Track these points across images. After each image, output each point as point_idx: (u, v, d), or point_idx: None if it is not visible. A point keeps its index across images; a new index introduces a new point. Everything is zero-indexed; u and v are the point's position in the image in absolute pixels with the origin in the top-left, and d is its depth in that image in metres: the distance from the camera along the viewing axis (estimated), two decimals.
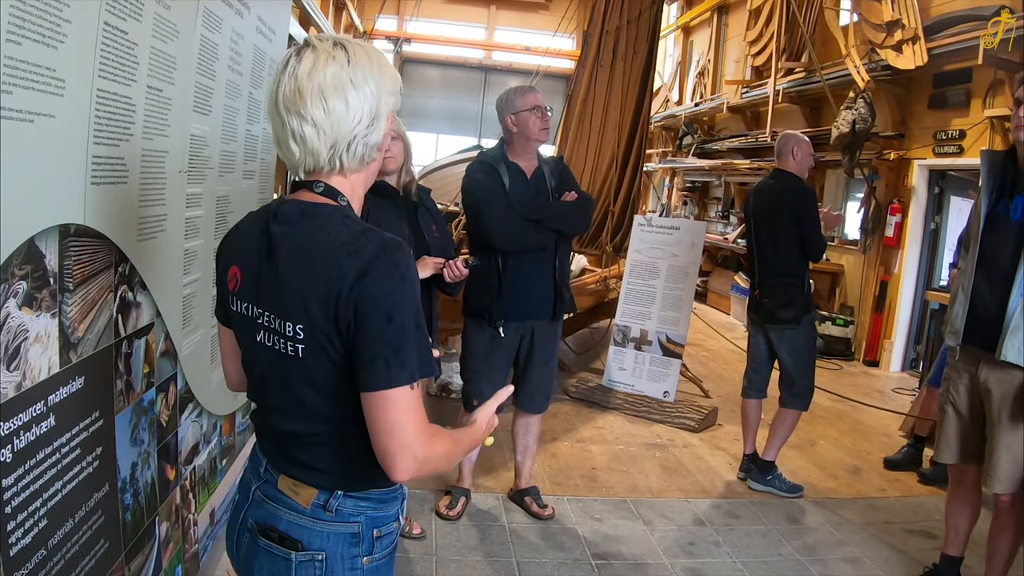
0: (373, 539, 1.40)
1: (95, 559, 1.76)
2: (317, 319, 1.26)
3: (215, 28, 2.43)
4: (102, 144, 1.71)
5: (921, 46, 6.89)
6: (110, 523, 1.86)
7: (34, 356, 1.46)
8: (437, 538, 3.57)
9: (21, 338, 1.41)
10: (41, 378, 1.49)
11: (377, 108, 1.34)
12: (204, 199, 2.57)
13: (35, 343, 1.46)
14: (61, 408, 1.57)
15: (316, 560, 1.35)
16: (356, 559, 1.38)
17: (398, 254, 1.27)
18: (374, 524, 1.41)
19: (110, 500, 1.86)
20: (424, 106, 18.86)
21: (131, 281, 1.97)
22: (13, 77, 1.32)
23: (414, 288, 1.28)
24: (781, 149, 4.31)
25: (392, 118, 1.40)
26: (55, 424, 1.55)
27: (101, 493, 1.80)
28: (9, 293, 1.37)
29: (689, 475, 4.62)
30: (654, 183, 15.37)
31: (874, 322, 8.22)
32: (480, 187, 3.54)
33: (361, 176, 1.41)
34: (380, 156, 1.42)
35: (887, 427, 5.76)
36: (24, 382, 1.43)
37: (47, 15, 1.40)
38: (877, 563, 3.59)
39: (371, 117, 1.33)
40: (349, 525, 1.38)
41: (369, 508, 1.40)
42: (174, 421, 2.39)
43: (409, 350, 1.25)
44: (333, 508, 1.37)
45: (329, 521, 1.37)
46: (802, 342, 4.28)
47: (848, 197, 9.50)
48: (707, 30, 14.00)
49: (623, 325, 6.12)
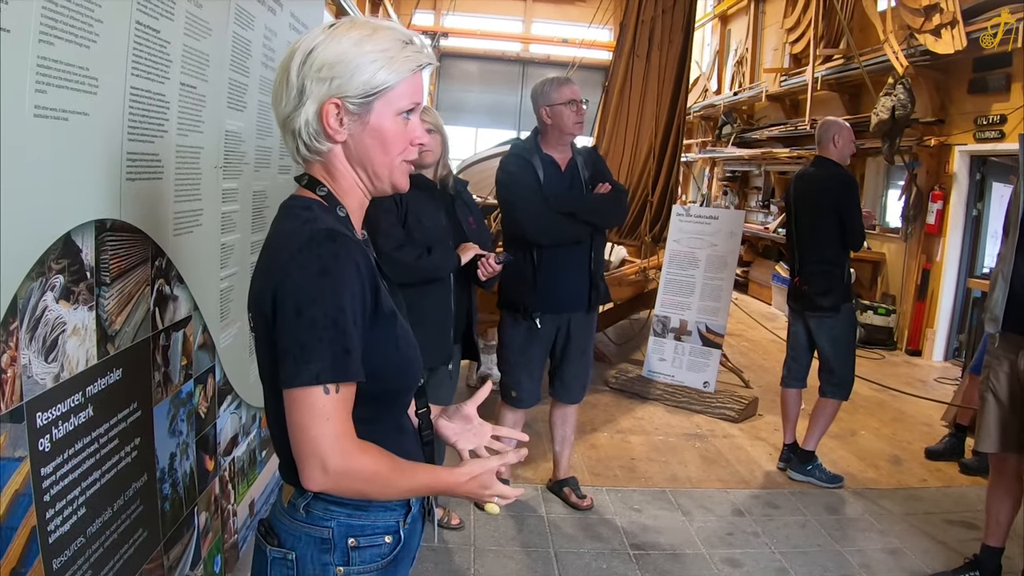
0: (348, 548, 1.28)
1: (134, 547, 1.81)
2: (259, 311, 1.21)
3: (247, 25, 2.46)
4: (136, 140, 1.75)
5: (960, 30, 6.72)
6: (149, 512, 1.90)
7: (72, 348, 1.50)
8: (475, 529, 3.59)
9: (59, 330, 1.45)
10: (79, 369, 1.53)
11: (301, 89, 1.23)
12: (240, 194, 2.61)
13: (73, 335, 1.50)
14: (99, 399, 1.62)
15: (287, 559, 1.28)
16: (328, 567, 1.27)
17: (323, 247, 1.17)
18: (349, 532, 1.28)
19: (149, 490, 1.90)
20: (463, 100, 18.92)
21: (168, 275, 2.01)
22: (47, 76, 1.36)
23: (337, 284, 1.15)
24: (822, 136, 4.25)
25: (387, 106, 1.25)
26: (93, 415, 1.59)
27: (140, 483, 1.84)
28: (46, 287, 1.40)
29: (728, 465, 4.59)
30: (694, 173, 15.22)
31: (916, 311, 8.07)
32: (514, 180, 3.54)
33: (342, 165, 1.29)
34: (337, 142, 1.26)
35: (929, 417, 5.66)
36: (62, 373, 1.47)
37: (79, 15, 1.44)
38: (917, 554, 3.54)
39: (296, 102, 1.23)
40: (318, 529, 1.27)
41: (342, 514, 1.28)
42: (213, 413, 2.44)
43: (316, 348, 1.13)
44: (304, 508, 1.28)
45: (301, 521, 1.28)
46: (841, 331, 4.22)
47: (889, 185, 9.34)
48: (744, 18, 13.80)
49: (663, 315, 6.09)
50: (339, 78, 1.21)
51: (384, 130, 1.25)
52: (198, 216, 2.21)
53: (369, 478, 1.18)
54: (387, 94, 1.24)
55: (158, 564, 1.97)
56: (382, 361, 1.25)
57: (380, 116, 1.25)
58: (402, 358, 1.30)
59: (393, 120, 1.26)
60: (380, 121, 1.25)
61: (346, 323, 1.15)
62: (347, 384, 1.17)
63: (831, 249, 4.15)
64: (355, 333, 1.17)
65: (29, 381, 1.36)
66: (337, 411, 1.15)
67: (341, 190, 1.30)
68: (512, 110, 18.68)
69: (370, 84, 1.22)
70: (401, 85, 1.25)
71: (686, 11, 7.14)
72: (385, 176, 1.30)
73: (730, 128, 12.85)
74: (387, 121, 1.25)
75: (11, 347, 1.30)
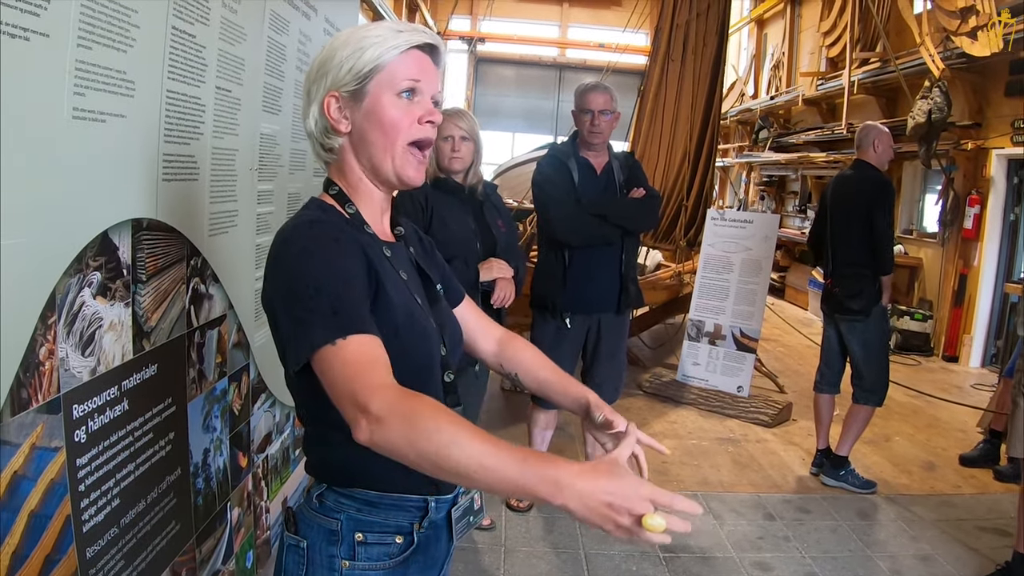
0: (355, 543, 1.27)
1: (166, 540, 1.85)
2: (266, 308, 1.25)
3: (282, 30, 2.51)
4: (172, 142, 1.80)
5: (997, 32, 6.61)
6: (182, 506, 1.95)
7: (108, 343, 1.55)
8: (506, 529, 3.61)
9: (96, 326, 1.50)
10: (115, 364, 1.58)
11: (308, 93, 1.31)
12: (275, 196, 2.66)
13: (109, 331, 1.55)
14: (134, 393, 1.66)
15: (300, 547, 1.29)
16: (334, 559, 1.27)
17: (301, 232, 1.21)
18: (357, 527, 1.27)
19: (182, 484, 1.95)
20: (499, 105, 18.98)
21: (203, 274, 2.06)
22: (85, 80, 1.40)
23: (316, 257, 1.16)
24: (862, 140, 4.23)
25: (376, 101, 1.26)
26: (128, 408, 1.63)
27: (173, 476, 1.89)
28: (84, 283, 1.45)
29: (761, 470, 4.56)
30: (731, 178, 15.11)
31: (953, 316, 7.94)
32: (548, 181, 3.58)
33: (350, 159, 1.31)
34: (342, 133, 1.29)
35: (964, 423, 5.58)
36: (99, 367, 1.51)
37: (116, 21, 1.48)
38: (948, 560, 3.50)
39: (306, 106, 1.31)
40: (329, 520, 1.27)
41: (351, 507, 1.28)
42: (246, 410, 2.48)
43: (307, 319, 1.12)
44: (318, 498, 1.30)
45: (315, 511, 1.29)
46: (872, 335, 4.18)
47: (926, 189, 9.20)
48: (780, 22, 13.69)
49: (697, 320, 6.06)
50: (332, 71, 1.26)
51: (380, 111, 1.26)
52: (233, 217, 2.26)
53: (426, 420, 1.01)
54: (378, 75, 1.25)
55: (190, 557, 2.02)
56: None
57: (375, 98, 1.26)
58: (401, 347, 1.22)
59: (391, 100, 1.26)
60: (375, 103, 1.26)
61: (332, 287, 1.13)
62: (355, 337, 1.11)
63: (864, 252, 4.11)
64: (345, 292, 1.14)
65: (66, 374, 1.40)
66: (354, 355, 1.09)
67: (351, 187, 1.33)
68: (549, 115, 18.71)
69: (357, 68, 1.24)
70: (394, 64, 1.25)
71: (720, 14, 7.11)
72: (388, 164, 1.28)
73: (767, 132, 12.75)
74: (383, 102, 1.26)
75: (49, 340, 1.35)
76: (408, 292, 1.30)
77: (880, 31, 8.56)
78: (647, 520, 0.97)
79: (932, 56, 7.38)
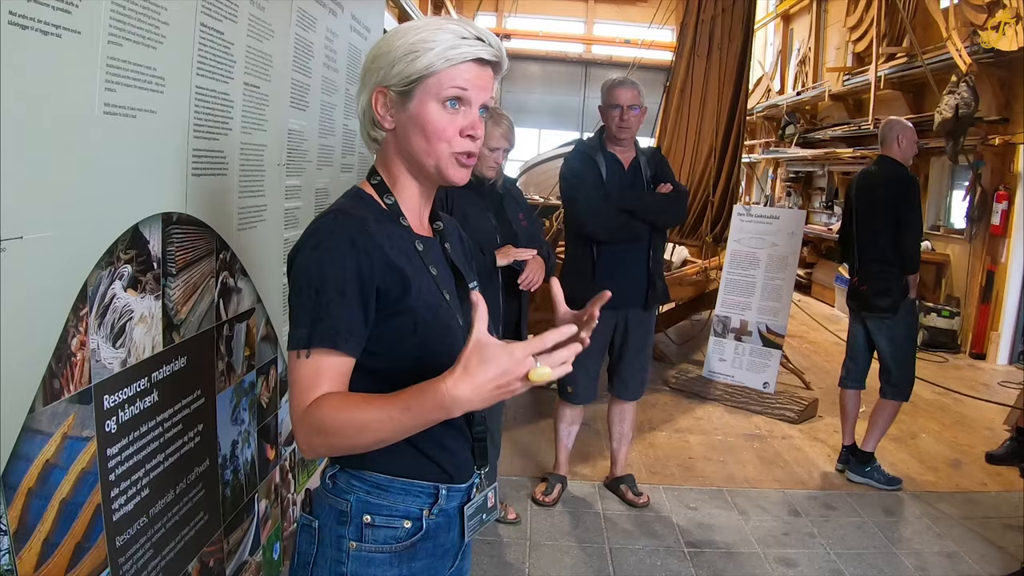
0: (363, 525, 1.28)
1: (194, 530, 1.88)
2: None
3: (309, 27, 2.53)
4: (202, 138, 1.82)
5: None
6: (210, 497, 1.97)
7: (138, 335, 1.57)
8: (532, 523, 3.63)
9: (126, 318, 1.52)
10: (145, 356, 1.60)
11: (362, 81, 1.32)
12: (303, 191, 2.68)
13: (139, 323, 1.57)
14: (164, 385, 1.69)
15: (312, 526, 1.31)
16: (342, 540, 1.28)
17: (323, 223, 1.23)
18: (366, 509, 1.28)
19: (210, 475, 1.97)
20: (525, 101, 18.96)
21: (232, 268, 2.08)
22: (116, 76, 1.42)
23: (324, 256, 1.19)
24: (886, 136, 4.18)
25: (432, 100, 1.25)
26: (158, 400, 1.66)
27: (202, 468, 1.91)
28: (115, 275, 1.47)
29: (786, 466, 4.54)
30: (757, 174, 14.99)
31: (981, 313, 7.84)
32: (576, 175, 3.59)
33: (393, 153, 1.33)
34: (386, 129, 1.31)
35: (991, 421, 5.53)
36: (129, 359, 1.54)
37: (146, 18, 1.50)
38: (974, 558, 3.47)
39: (359, 93, 1.33)
40: (339, 501, 1.29)
41: (362, 489, 1.29)
42: (274, 403, 2.51)
43: (299, 315, 1.19)
44: (331, 479, 1.32)
45: (328, 492, 1.31)
46: (900, 331, 4.15)
47: (953, 185, 9.07)
48: (807, 17, 13.53)
49: (723, 316, 6.03)
50: (383, 68, 1.26)
51: (424, 118, 1.25)
52: (262, 212, 2.28)
53: (322, 428, 1.13)
54: (426, 81, 1.24)
55: (218, 548, 2.04)
56: (395, 341, 1.25)
57: (420, 104, 1.25)
58: (419, 342, 1.26)
59: (436, 109, 1.25)
60: (420, 109, 1.25)
61: (328, 292, 1.17)
62: (322, 352, 1.17)
63: (890, 249, 4.07)
64: (339, 302, 1.18)
65: (97, 365, 1.43)
66: (307, 378, 1.16)
67: (392, 178, 1.34)
68: (575, 111, 18.68)
69: (407, 72, 1.24)
70: (444, 73, 1.23)
71: (745, 9, 7.07)
72: (430, 165, 1.28)
73: (793, 128, 12.64)
74: (428, 109, 1.25)
75: (81, 332, 1.37)
76: (435, 287, 1.30)
77: (907, 26, 8.48)
78: (532, 375, 1.03)
79: (959, 51, 7.30)
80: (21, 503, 1.25)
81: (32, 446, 1.27)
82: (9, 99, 1.15)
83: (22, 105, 1.19)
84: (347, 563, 1.28)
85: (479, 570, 3.16)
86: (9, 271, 1.18)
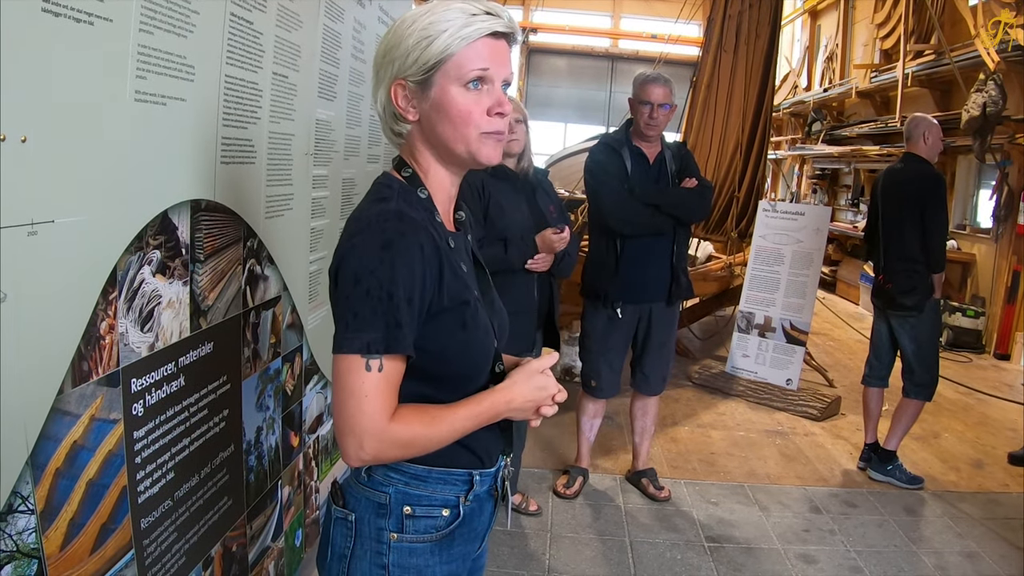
0: (403, 516, 1.29)
1: (218, 514, 1.90)
2: (330, 281, 1.23)
3: (337, 18, 2.54)
4: (231, 126, 1.83)
5: None
6: (234, 482, 2.00)
7: (166, 320, 1.59)
8: (553, 515, 3.64)
9: (155, 302, 1.54)
10: (172, 340, 1.62)
11: (377, 76, 1.28)
12: (330, 181, 2.69)
13: (167, 308, 1.59)
14: (191, 370, 1.71)
15: (348, 519, 1.31)
16: (383, 532, 1.29)
17: (390, 223, 1.18)
18: (405, 500, 1.29)
19: (235, 460, 1.99)
20: (551, 95, 18.93)
21: (259, 255, 2.10)
22: (147, 63, 1.44)
23: (396, 258, 1.15)
24: (911, 133, 4.14)
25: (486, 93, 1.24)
26: (184, 384, 1.68)
27: (226, 453, 1.94)
28: (144, 260, 1.49)
29: (808, 463, 4.52)
30: (783, 171, 14.87)
31: (1006, 313, 7.74)
32: (601, 169, 3.57)
33: (421, 144, 1.30)
34: (410, 121, 1.28)
35: (1015, 421, 5.46)
36: (157, 343, 1.56)
37: (177, 7, 1.52)
38: (994, 558, 3.45)
39: (375, 89, 1.30)
40: (377, 494, 1.29)
41: (400, 481, 1.29)
42: (299, 391, 2.53)
43: (368, 319, 1.14)
44: (367, 472, 1.31)
45: (364, 485, 1.31)
46: (924, 330, 4.12)
47: (980, 183, 8.95)
48: (834, 13, 13.36)
49: (747, 312, 6.00)
50: (398, 59, 1.23)
51: (448, 103, 1.22)
52: (289, 200, 2.30)
53: (407, 443, 1.20)
54: (444, 66, 1.21)
55: (241, 532, 2.07)
56: (447, 341, 1.24)
57: (442, 90, 1.22)
58: (469, 341, 1.27)
59: (459, 92, 1.22)
60: (442, 95, 1.22)
61: (400, 298, 1.15)
62: (393, 359, 1.17)
63: (915, 247, 4.03)
64: (407, 310, 1.16)
65: (125, 349, 1.45)
66: (378, 388, 1.16)
67: (423, 170, 1.31)
68: (601, 105, 18.61)
69: (424, 59, 1.20)
70: (461, 55, 1.20)
71: (773, 5, 7.00)
72: (461, 150, 1.25)
73: (820, 125, 12.51)
74: (451, 94, 1.22)
75: (110, 315, 1.39)
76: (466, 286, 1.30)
77: (934, 23, 8.38)
78: None
79: (987, 48, 7.19)
80: (48, 483, 1.27)
81: (60, 427, 1.29)
82: (41, 85, 1.17)
83: (54, 91, 1.20)
84: (388, 555, 1.29)
85: (500, 560, 3.18)
86: (40, 254, 1.21)
